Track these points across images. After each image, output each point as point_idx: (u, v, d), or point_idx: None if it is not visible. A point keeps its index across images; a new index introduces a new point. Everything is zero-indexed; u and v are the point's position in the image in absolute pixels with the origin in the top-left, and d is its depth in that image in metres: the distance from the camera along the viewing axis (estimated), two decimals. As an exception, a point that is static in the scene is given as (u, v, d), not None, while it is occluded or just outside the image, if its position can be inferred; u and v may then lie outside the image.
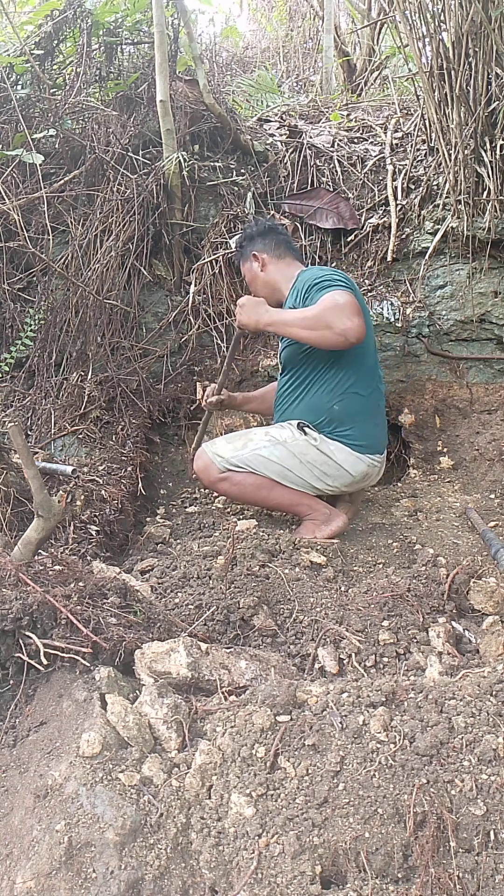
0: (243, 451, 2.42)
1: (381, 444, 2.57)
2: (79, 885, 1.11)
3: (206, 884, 1.15)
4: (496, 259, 3.36)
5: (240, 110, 4.12)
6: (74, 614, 1.49)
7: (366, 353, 2.50)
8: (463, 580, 2.05)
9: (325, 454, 2.43)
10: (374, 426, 2.54)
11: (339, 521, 2.47)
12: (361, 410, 2.47)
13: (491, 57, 3.00)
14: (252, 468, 2.41)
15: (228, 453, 2.44)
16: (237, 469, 2.42)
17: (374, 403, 2.54)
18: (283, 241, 2.71)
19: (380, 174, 3.68)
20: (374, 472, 2.57)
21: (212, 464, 2.45)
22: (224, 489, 2.49)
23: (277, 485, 2.43)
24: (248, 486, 2.43)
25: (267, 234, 2.70)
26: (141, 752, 1.30)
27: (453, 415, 3.40)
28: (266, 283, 2.66)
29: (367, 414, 2.50)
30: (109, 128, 3.52)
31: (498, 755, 1.24)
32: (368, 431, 2.50)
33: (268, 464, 2.41)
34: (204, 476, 2.50)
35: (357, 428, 2.46)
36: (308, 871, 1.14)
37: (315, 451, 2.42)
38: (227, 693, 1.47)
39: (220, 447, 2.47)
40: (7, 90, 3.35)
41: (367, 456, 2.48)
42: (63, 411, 3.16)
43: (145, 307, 3.55)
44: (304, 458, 2.42)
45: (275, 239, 2.69)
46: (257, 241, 2.70)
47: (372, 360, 2.56)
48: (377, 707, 1.36)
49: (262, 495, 2.47)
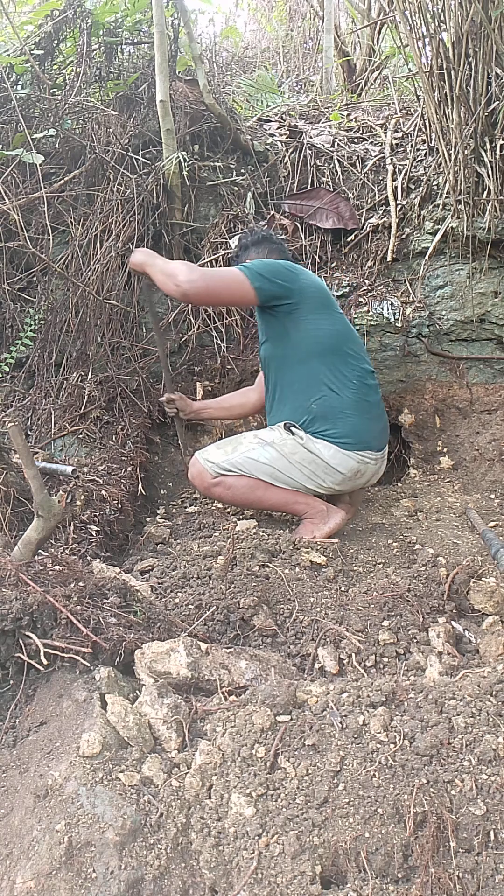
0: (233, 455, 2.43)
1: (373, 439, 2.52)
2: (79, 885, 1.11)
3: (206, 884, 1.15)
4: (496, 259, 3.36)
5: (240, 110, 4.12)
6: (74, 614, 1.49)
7: (339, 348, 2.50)
8: (463, 580, 2.05)
9: (313, 453, 2.42)
10: (364, 421, 2.50)
11: (337, 517, 2.47)
12: (343, 407, 2.45)
13: (491, 57, 3.00)
14: (243, 471, 2.42)
15: (219, 458, 2.45)
16: (229, 473, 2.43)
17: (359, 399, 2.49)
18: (276, 249, 2.76)
19: (380, 174, 3.67)
20: (370, 469, 2.54)
21: (204, 470, 2.46)
22: (218, 494, 2.49)
23: (271, 486, 2.43)
24: (242, 488, 2.43)
25: (261, 242, 2.76)
26: (141, 752, 1.30)
27: (453, 415, 3.40)
28: None
29: (350, 410, 2.47)
30: (109, 128, 3.52)
31: (498, 755, 1.24)
32: (356, 427, 2.46)
33: (258, 466, 2.41)
34: (198, 483, 2.51)
35: (341, 424, 2.44)
36: (308, 871, 1.14)
37: (303, 451, 2.42)
38: (227, 693, 1.47)
39: (210, 453, 2.48)
40: (7, 90, 3.35)
41: (356, 453, 2.45)
42: (63, 411, 3.16)
43: (145, 307, 3.55)
44: (293, 459, 2.42)
45: (268, 247, 2.74)
46: (252, 250, 2.75)
47: (352, 355, 2.53)
48: (377, 707, 1.36)
49: (256, 496, 2.47)
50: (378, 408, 2.60)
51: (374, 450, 2.53)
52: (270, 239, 2.79)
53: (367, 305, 3.40)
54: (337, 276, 3.52)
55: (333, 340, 2.49)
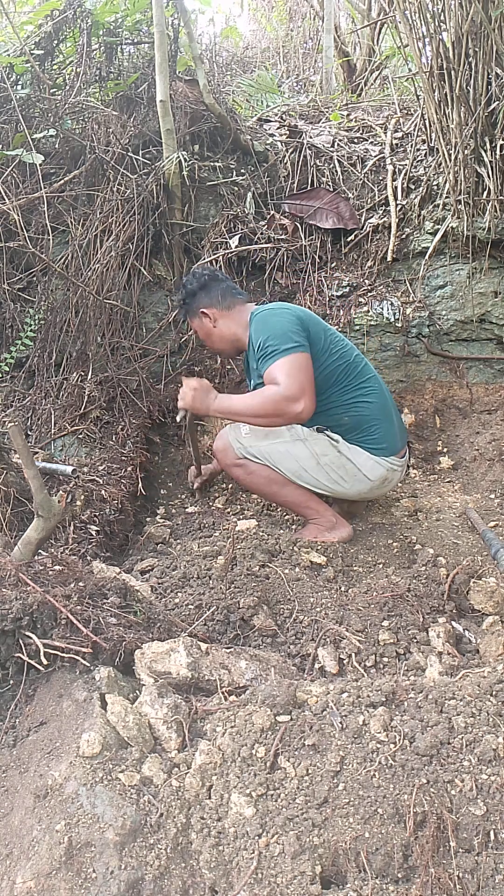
0: (263, 443, 2.38)
1: (397, 441, 2.48)
2: (79, 885, 1.11)
3: (206, 884, 1.15)
4: (496, 259, 3.36)
5: (240, 110, 4.12)
6: (74, 614, 1.49)
7: (349, 371, 2.42)
8: (463, 580, 2.05)
9: (346, 456, 2.39)
10: (391, 426, 2.46)
11: (344, 531, 2.45)
12: (373, 414, 2.42)
13: (491, 57, 3.00)
14: (269, 461, 2.39)
15: (248, 441, 2.40)
16: (254, 459, 2.39)
17: (382, 404, 2.46)
18: (226, 288, 2.57)
19: (380, 174, 3.68)
20: (395, 477, 2.52)
21: (230, 447, 2.41)
22: (237, 475, 2.46)
23: (290, 482, 2.41)
24: (261, 478, 2.41)
25: (209, 285, 2.56)
26: (141, 752, 1.30)
27: (453, 415, 3.40)
28: (222, 337, 2.56)
29: (379, 416, 2.43)
30: (109, 128, 3.52)
31: (498, 755, 1.24)
32: (387, 433, 2.43)
33: (284, 459, 2.38)
34: (220, 457, 2.47)
35: (375, 431, 2.41)
36: (308, 871, 1.14)
37: (335, 453, 2.39)
38: (227, 693, 1.47)
39: (242, 433, 2.42)
40: (7, 90, 3.35)
41: (385, 459, 2.42)
42: (63, 411, 3.16)
43: (145, 307, 3.55)
44: (322, 460, 2.38)
45: (218, 289, 2.56)
46: (201, 295, 2.56)
47: (359, 368, 2.46)
48: (377, 707, 1.36)
49: (272, 490, 2.44)
50: (394, 409, 2.57)
51: (398, 454, 2.49)
52: (216, 278, 2.60)
53: (367, 305, 3.40)
54: (337, 276, 3.52)
55: (346, 364, 2.41)
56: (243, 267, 3.54)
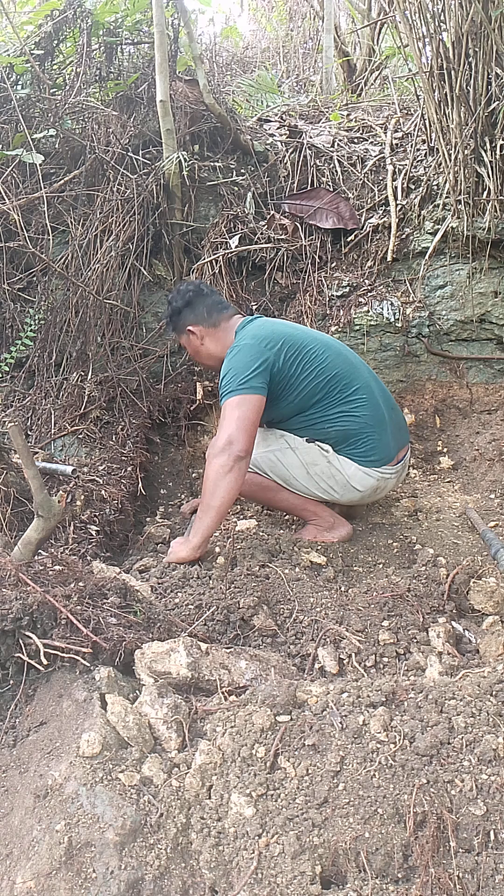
0: (255, 451, 2.37)
1: (391, 449, 2.44)
2: (79, 885, 1.11)
3: (206, 884, 1.15)
4: (496, 259, 3.36)
5: (240, 110, 4.12)
6: (74, 614, 1.49)
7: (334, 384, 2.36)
8: (463, 580, 2.05)
9: (335, 467, 2.38)
10: (382, 435, 2.41)
11: (343, 530, 2.46)
12: (360, 427, 2.37)
13: (491, 57, 3.00)
14: (260, 470, 2.41)
15: None
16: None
17: (371, 415, 2.39)
18: (212, 303, 2.52)
19: (380, 174, 3.67)
20: (389, 483, 2.49)
21: None
22: None
23: (283, 489, 2.43)
24: (254, 485, 2.42)
25: (194, 302, 2.51)
26: (141, 752, 1.30)
27: (453, 415, 3.40)
28: (210, 355, 2.53)
29: (369, 428, 2.38)
30: (109, 128, 3.52)
31: (498, 755, 1.24)
32: (377, 444, 2.39)
33: (275, 466, 2.40)
34: None
35: (363, 444, 2.38)
36: (308, 871, 1.14)
37: (325, 463, 2.39)
38: (227, 693, 1.47)
39: None
40: (7, 90, 3.35)
41: (375, 469, 2.40)
42: (63, 411, 3.16)
43: (145, 307, 3.55)
44: (311, 469, 2.38)
45: (203, 305, 2.51)
46: (186, 313, 2.51)
47: (346, 379, 2.39)
48: (377, 707, 1.36)
49: (267, 496, 2.48)
50: (391, 413, 2.50)
51: (392, 461, 2.46)
52: (201, 293, 2.54)
53: (367, 305, 3.39)
54: (337, 276, 3.52)
55: (327, 381, 2.36)
56: (243, 267, 3.54)
